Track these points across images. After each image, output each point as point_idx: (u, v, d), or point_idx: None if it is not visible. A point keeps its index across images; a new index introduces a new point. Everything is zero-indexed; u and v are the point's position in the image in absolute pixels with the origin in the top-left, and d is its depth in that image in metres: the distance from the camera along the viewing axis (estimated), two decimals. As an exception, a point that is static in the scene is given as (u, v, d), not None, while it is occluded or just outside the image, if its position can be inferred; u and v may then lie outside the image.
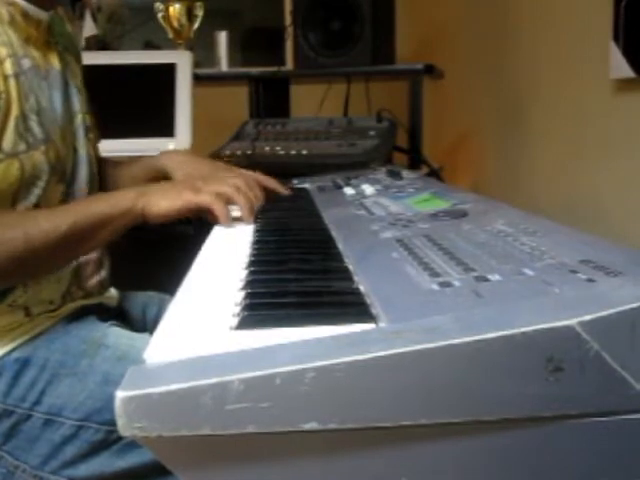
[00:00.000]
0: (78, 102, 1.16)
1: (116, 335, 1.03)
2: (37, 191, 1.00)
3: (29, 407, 0.96)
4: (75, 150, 1.12)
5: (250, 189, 1.10)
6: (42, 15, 1.06)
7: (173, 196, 1.02)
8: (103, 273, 1.18)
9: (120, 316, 1.16)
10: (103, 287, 1.19)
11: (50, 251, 0.93)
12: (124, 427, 0.46)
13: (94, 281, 1.15)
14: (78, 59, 1.22)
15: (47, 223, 0.93)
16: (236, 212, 1.07)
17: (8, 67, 0.96)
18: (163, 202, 1.01)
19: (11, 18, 0.99)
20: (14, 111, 0.96)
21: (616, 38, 1.54)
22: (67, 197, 1.09)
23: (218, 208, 1.02)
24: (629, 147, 1.58)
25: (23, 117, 0.97)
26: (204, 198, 1.02)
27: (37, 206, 1.01)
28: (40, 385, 0.97)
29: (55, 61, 1.09)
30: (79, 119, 1.15)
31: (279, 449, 0.48)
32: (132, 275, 1.24)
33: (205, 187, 1.05)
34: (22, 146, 0.96)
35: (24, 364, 0.98)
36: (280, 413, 0.47)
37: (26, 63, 1.00)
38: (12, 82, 0.96)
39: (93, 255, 1.14)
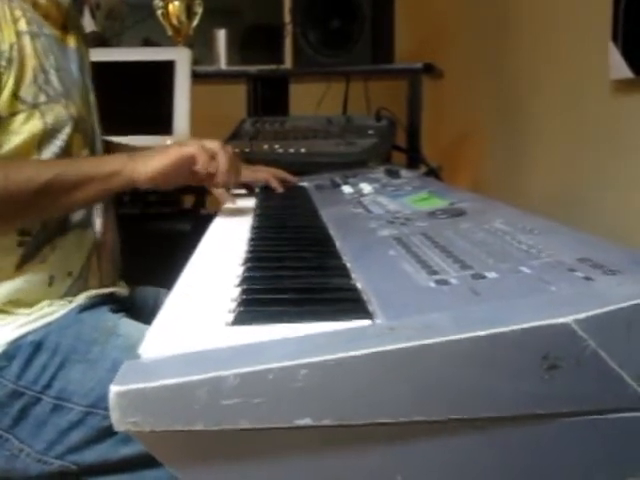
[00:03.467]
0: (91, 84, 1.20)
1: (127, 325, 1.04)
2: (59, 143, 1.03)
3: (40, 390, 0.97)
4: (92, 123, 1.15)
5: (233, 156, 1.10)
6: None
7: (160, 155, 1.03)
8: (116, 255, 1.19)
9: (127, 308, 1.17)
10: (117, 272, 1.20)
11: (29, 197, 0.95)
12: (118, 422, 0.46)
13: (109, 256, 1.16)
14: (88, 53, 1.25)
15: (30, 170, 0.96)
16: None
17: (22, 25, 1.00)
18: (150, 162, 1.02)
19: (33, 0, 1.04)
20: (31, 63, 1.00)
21: (615, 39, 1.54)
22: None
23: (201, 156, 1.03)
24: (628, 147, 1.58)
25: (43, 70, 1.01)
26: (189, 148, 1.04)
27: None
28: (51, 369, 0.97)
29: (72, 41, 1.14)
30: (92, 98, 1.19)
31: (272, 445, 0.48)
32: (128, 270, 1.24)
33: (193, 141, 1.07)
34: (42, 97, 1.00)
35: (37, 347, 0.98)
36: (273, 409, 0.46)
37: (45, 30, 1.05)
38: (27, 38, 1.00)
39: (109, 230, 1.16)
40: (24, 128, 0.98)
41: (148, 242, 1.60)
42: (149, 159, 1.02)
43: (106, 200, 1.14)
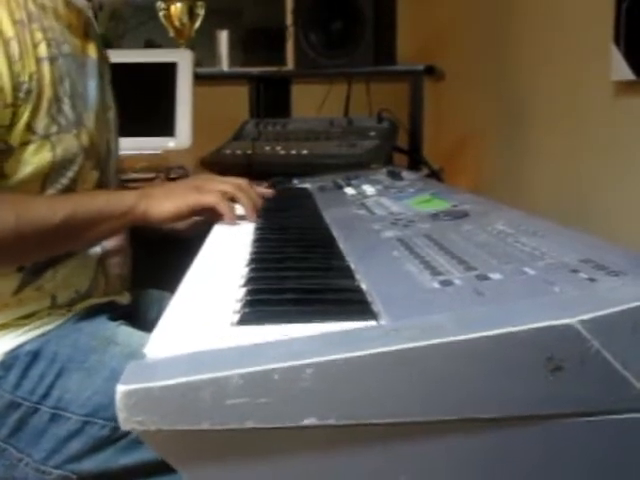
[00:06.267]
0: (111, 96, 1.18)
1: (126, 334, 1.03)
2: (70, 174, 1.01)
3: (37, 401, 0.96)
4: (107, 141, 1.13)
5: (250, 188, 1.11)
6: (83, 4, 1.09)
7: (177, 197, 1.01)
8: (125, 269, 1.18)
9: (128, 314, 1.16)
10: (124, 284, 1.18)
11: (41, 237, 0.93)
12: (124, 421, 0.46)
13: (117, 272, 1.14)
14: (108, 60, 1.23)
15: (44, 210, 0.93)
16: (239, 210, 1.07)
17: (42, 50, 0.97)
18: (167, 204, 1.00)
19: (54, 6, 1.02)
20: (47, 93, 0.97)
21: (617, 40, 1.54)
22: (101, 184, 1.10)
23: (223, 207, 1.02)
24: (630, 149, 1.58)
25: (56, 100, 0.99)
26: (209, 198, 1.02)
27: (71, 189, 1.01)
28: (49, 378, 0.97)
29: (92, 52, 1.12)
30: (111, 113, 1.17)
31: (277, 444, 0.48)
32: (132, 273, 1.23)
33: (208, 186, 1.05)
34: (54, 128, 0.98)
35: (35, 357, 0.98)
36: (279, 408, 0.46)
37: (65, 48, 1.02)
38: (46, 65, 0.97)
39: (117, 244, 1.14)
40: (34, 159, 0.96)
41: (150, 244, 1.60)
42: (165, 200, 1.00)
43: None
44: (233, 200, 1.07)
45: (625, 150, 1.60)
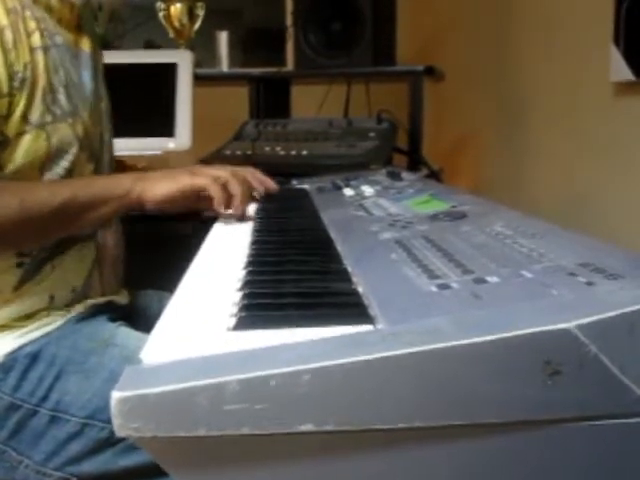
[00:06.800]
0: (104, 88, 1.18)
1: (125, 335, 1.03)
2: (65, 164, 1.01)
3: (36, 403, 0.96)
4: (101, 133, 1.14)
5: (244, 181, 1.10)
6: None
7: (170, 180, 1.02)
8: (120, 266, 1.18)
9: (127, 315, 1.16)
10: (119, 282, 1.19)
11: (44, 221, 0.94)
12: (120, 427, 0.46)
13: (111, 269, 1.15)
14: (101, 56, 1.23)
15: (45, 193, 0.94)
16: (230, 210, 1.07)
17: (36, 40, 0.98)
18: (159, 186, 1.00)
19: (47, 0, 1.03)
20: (41, 82, 0.97)
21: (617, 41, 1.54)
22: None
23: (214, 189, 1.02)
24: (629, 150, 1.58)
25: (51, 89, 0.99)
26: (200, 180, 1.02)
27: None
28: (48, 381, 0.97)
29: (86, 45, 1.12)
30: (104, 104, 1.17)
31: (275, 450, 0.48)
32: (130, 274, 1.24)
33: (202, 171, 1.06)
34: (48, 117, 0.98)
35: (34, 359, 0.98)
36: (276, 414, 0.46)
37: (58, 39, 1.03)
38: (40, 55, 0.98)
39: (112, 242, 1.14)
40: (30, 149, 0.96)
41: (149, 245, 1.60)
42: (158, 182, 1.00)
43: None
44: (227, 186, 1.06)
45: (624, 150, 1.60)
